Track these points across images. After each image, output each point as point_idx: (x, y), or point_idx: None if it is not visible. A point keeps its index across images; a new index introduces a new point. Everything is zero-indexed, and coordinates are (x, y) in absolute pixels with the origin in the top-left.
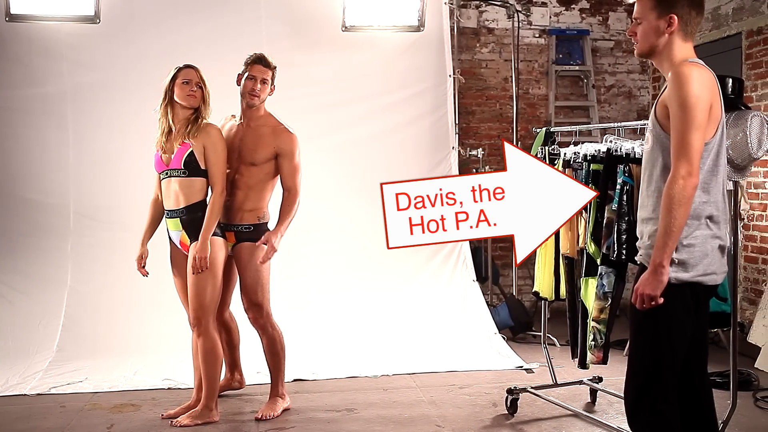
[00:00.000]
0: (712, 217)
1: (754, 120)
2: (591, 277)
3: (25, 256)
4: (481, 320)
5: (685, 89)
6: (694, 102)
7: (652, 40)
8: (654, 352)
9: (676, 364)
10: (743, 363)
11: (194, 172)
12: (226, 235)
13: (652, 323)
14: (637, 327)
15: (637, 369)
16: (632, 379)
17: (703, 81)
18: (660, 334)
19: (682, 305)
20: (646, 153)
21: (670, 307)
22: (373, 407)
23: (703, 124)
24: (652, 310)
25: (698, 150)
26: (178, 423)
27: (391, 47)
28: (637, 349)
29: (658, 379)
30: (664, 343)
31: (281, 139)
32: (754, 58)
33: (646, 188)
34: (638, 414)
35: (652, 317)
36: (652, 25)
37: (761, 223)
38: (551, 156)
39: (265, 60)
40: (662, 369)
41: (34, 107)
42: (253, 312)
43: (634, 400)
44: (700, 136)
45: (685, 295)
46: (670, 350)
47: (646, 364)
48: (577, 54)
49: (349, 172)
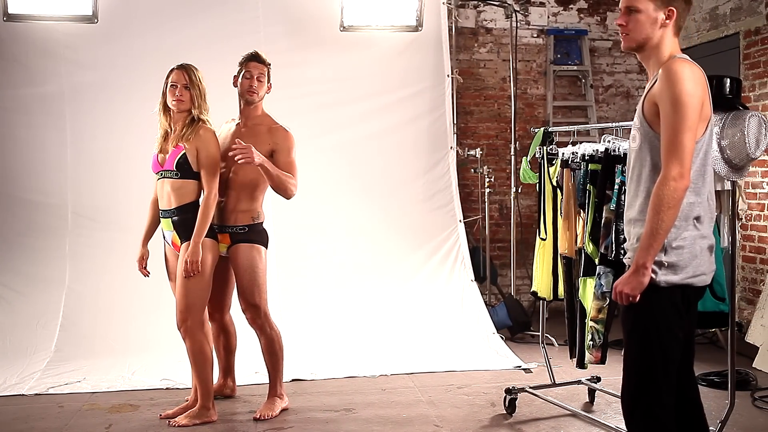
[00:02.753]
0: (699, 217)
1: (752, 120)
2: (589, 276)
3: (23, 257)
4: (479, 320)
5: (679, 87)
6: (686, 100)
7: (647, 33)
8: (646, 356)
9: (669, 366)
10: (741, 363)
11: (186, 175)
12: (219, 237)
13: (643, 327)
14: (629, 331)
15: (631, 373)
16: (627, 383)
17: (695, 79)
18: (651, 338)
19: (673, 308)
20: (633, 152)
21: (661, 311)
22: (371, 407)
23: (695, 124)
24: (643, 314)
25: (690, 151)
26: (176, 423)
27: (389, 47)
28: (629, 353)
29: (651, 382)
30: (656, 346)
31: (277, 135)
32: (752, 58)
33: (634, 188)
34: (634, 417)
35: (643, 321)
36: (651, 16)
37: (759, 222)
38: (549, 156)
39: (260, 57)
40: (655, 372)
41: (32, 107)
42: (251, 313)
43: (630, 403)
44: (692, 137)
45: (676, 297)
46: (662, 353)
47: (639, 368)
48: (575, 54)
49: (347, 172)
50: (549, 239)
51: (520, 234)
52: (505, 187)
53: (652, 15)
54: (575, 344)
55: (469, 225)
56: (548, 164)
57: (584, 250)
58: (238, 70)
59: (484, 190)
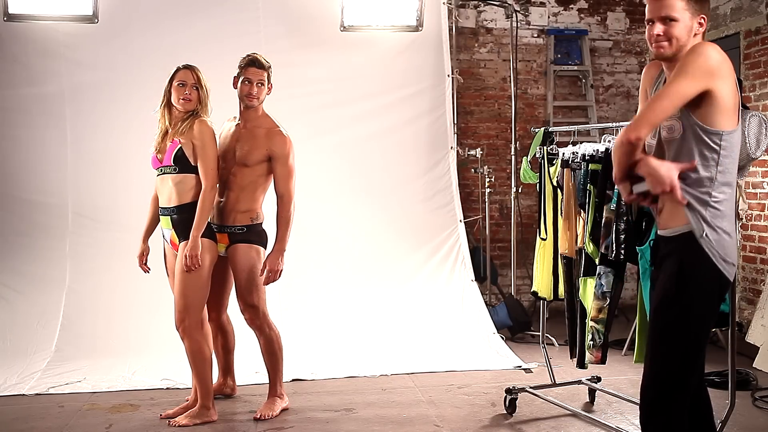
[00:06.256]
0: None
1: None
2: (589, 276)
3: (23, 256)
4: (479, 320)
5: (703, 57)
6: (698, 68)
7: (684, 41)
8: (684, 355)
9: (699, 368)
10: (742, 363)
11: (185, 169)
12: (218, 237)
13: (685, 326)
14: (667, 328)
15: (662, 371)
16: (655, 380)
17: (723, 56)
18: (691, 337)
19: (714, 310)
20: (672, 142)
21: (708, 313)
22: (371, 407)
23: (690, 89)
24: (685, 313)
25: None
26: (177, 423)
27: (390, 47)
28: (663, 350)
29: (683, 382)
30: (694, 346)
31: (274, 141)
32: (753, 58)
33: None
34: (656, 417)
35: (685, 319)
36: (687, 24)
37: (759, 222)
38: (549, 156)
39: (259, 62)
40: (688, 373)
41: (32, 107)
42: (249, 313)
43: (653, 402)
44: (674, 105)
45: (715, 291)
46: (698, 353)
47: (673, 368)
48: (575, 54)
49: (347, 172)
50: (549, 239)
51: (520, 234)
52: (506, 187)
53: (689, 23)
54: (575, 344)
55: (470, 225)
56: (548, 164)
57: (584, 250)
58: (238, 72)
59: (484, 190)
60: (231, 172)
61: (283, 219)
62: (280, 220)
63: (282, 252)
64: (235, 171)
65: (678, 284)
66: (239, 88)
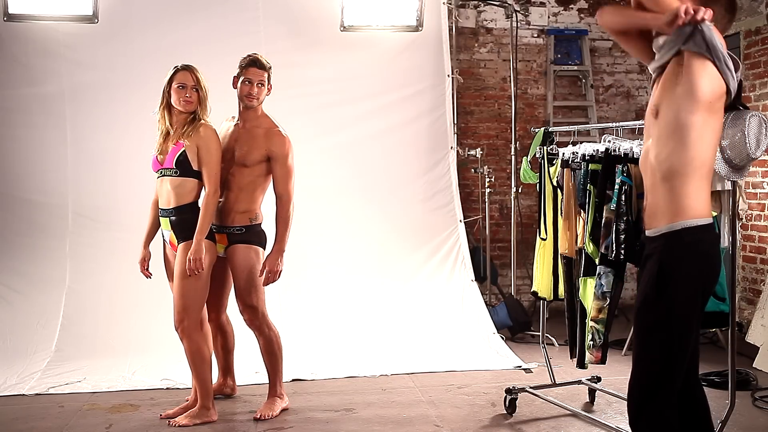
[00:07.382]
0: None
1: (753, 120)
2: (589, 276)
3: (23, 257)
4: (479, 320)
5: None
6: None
7: None
8: (666, 357)
9: (684, 368)
10: (742, 363)
11: (186, 173)
12: (217, 238)
13: (666, 327)
14: (648, 330)
15: (645, 373)
16: (639, 382)
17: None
18: (674, 338)
19: (698, 307)
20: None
21: (690, 312)
22: (371, 407)
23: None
24: (665, 314)
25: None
26: (177, 423)
27: (390, 47)
28: (646, 352)
29: (667, 383)
30: (677, 347)
31: (273, 141)
32: (753, 58)
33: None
34: (642, 417)
35: (666, 321)
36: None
37: (759, 222)
38: (549, 156)
39: (260, 62)
40: (673, 374)
41: (32, 107)
42: (248, 314)
43: (640, 403)
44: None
45: (699, 291)
46: (682, 354)
47: (655, 369)
48: (575, 54)
49: (347, 172)
50: (549, 239)
51: (520, 234)
52: (506, 187)
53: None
54: (575, 344)
55: (470, 225)
56: (548, 164)
57: (584, 250)
58: (238, 72)
59: (484, 190)
60: (230, 172)
61: (283, 219)
62: (279, 221)
63: (281, 252)
64: (234, 171)
65: (658, 286)
66: (239, 88)
